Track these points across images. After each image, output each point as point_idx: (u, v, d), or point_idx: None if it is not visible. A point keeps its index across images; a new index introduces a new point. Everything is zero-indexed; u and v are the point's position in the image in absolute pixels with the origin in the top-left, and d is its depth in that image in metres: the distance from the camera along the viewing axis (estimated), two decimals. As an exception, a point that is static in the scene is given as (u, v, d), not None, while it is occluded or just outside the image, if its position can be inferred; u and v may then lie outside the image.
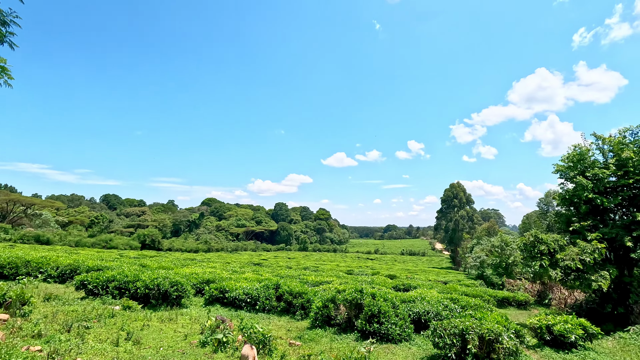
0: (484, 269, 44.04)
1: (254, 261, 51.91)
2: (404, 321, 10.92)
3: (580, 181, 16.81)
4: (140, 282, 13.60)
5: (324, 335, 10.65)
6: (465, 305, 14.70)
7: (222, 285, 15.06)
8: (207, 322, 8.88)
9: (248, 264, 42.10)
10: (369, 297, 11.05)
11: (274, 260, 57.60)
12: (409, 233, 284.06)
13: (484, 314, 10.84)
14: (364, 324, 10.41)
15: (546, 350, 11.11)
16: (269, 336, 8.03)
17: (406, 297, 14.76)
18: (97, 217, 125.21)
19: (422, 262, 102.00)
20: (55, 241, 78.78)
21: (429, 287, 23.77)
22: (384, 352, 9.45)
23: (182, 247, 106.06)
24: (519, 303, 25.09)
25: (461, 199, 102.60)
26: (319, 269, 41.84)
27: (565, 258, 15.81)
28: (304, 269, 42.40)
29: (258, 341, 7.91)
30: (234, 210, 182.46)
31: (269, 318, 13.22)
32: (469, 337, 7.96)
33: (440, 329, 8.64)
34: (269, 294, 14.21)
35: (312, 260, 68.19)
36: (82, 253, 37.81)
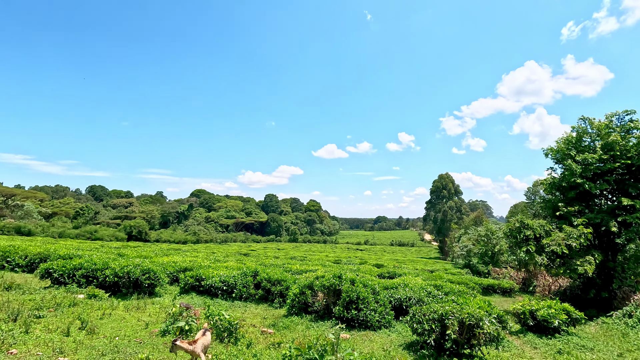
0: (471, 258, 44.33)
1: (241, 252, 51.30)
2: (384, 307, 10.47)
3: (570, 165, 16.51)
4: (110, 270, 12.86)
5: (300, 322, 10.14)
6: (448, 291, 14.37)
7: (199, 273, 14.42)
8: (172, 309, 8.26)
9: (235, 254, 41.47)
10: (347, 283, 10.55)
11: (262, 251, 57.06)
12: (398, 224, 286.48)
13: (466, 299, 10.46)
14: (342, 310, 9.93)
15: (529, 336, 10.82)
16: (236, 323, 7.46)
17: (389, 284, 14.35)
18: (82, 208, 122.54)
19: (411, 253, 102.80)
20: (38, 232, 76.74)
21: (414, 275, 23.51)
22: (362, 339, 8.99)
23: (170, 239, 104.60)
24: (503, 290, 25.08)
25: (450, 190, 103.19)
26: (306, 259, 41.45)
27: (551, 243, 15.57)
28: (291, 258, 41.93)
29: (224, 329, 7.34)
30: (224, 202, 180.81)
31: (246, 306, 12.68)
32: (448, 323, 7.51)
33: (419, 315, 8.18)
34: (247, 282, 13.63)
35: (302, 251, 67.87)
36: (62, 243, 36.63)
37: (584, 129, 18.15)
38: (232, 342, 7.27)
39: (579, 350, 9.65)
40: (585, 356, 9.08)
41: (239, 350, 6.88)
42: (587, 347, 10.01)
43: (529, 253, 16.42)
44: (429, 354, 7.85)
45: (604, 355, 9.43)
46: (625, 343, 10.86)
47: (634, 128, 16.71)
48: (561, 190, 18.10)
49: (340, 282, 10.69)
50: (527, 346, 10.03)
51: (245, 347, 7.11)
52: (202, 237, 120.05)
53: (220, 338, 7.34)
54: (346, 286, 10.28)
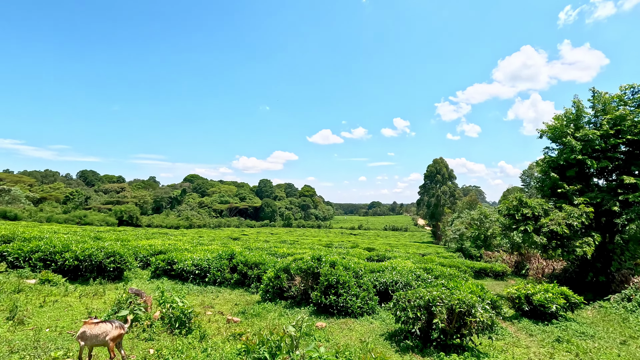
0: (463, 241, 43.85)
1: (232, 236, 50.42)
2: (367, 292, 9.51)
3: (570, 142, 15.48)
4: (70, 254, 11.72)
5: (274, 309, 9.16)
6: (439, 275, 13.48)
7: (170, 257, 13.35)
8: (123, 295, 7.17)
9: (224, 239, 40.51)
10: (327, 266, 9.54)
11: (254, 236, 56.15)
12: (392, 209, 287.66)
13: (457, 283, 9.53)
14: (319, 296, 8.94)
15: (524, 322, 9.98)
16: (189, 312, 6.41)
17: (375, 267, 13.41)
18: (72, 193, 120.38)
19: (404, 237, 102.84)
20: (25, 217, 75.03)
21: (405, 258, 22.72)
22: (340, 328, 8.02)
23: (162, 224, 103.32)
24: (496, 274, 24.47)
25: (444, 174, 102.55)
26: (298, 243, 40.64)
27: (550, 223, 14.68)
28: (282, 242, 41.11)
29: (175, 318, 6.29)
30: (217, 187, 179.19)
31: (219, 291, 11.68)
32: (435, 310, 6.54)
33: (403, 301, 7.20)
34: (222, 265, 12.60)
35: (295, 236, 67.14)
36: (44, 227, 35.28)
37: (582, 105, 17.05)
38: (183, 333, 6.24)
39: (579, 338, 8.81)
40: (586, 344, 8.23)
41: (188, 343, 5.85)
42: (587, 334, 9.18)
43: (526, 233, 15.56)
44: (414, 344, 6.90)
45: (606, 342, 8.60)
46: (626, 329, 10.08)
47: (646, 102, 15.61)
48: (560, 168, 17.13)
49: (319, 264, 9.68)
50: (522, 333, 9.17)
51: (197, 340, 6.09)
52: (195, 222, 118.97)
53: (171, 329, 6.30)
54: (325, 269, 9.27)
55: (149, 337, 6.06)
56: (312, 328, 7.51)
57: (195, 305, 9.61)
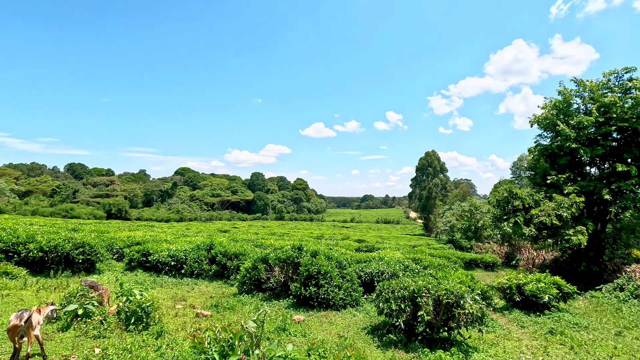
0: (454, 233, 43.74)
1: (223, 229, 49.66)
2: (350, 283, 8.93)
3: (564, 130, 15.02)
4: (34, 244, 10.92)
5: (250, 302, 8.53)
6: (428, 265, 12.99)
7: (146, 248, 12.61)
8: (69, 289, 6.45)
9: (214, 231, 39.74)
10: (307, 255, 8.91)
11: (245, 229, 55.50)
12: (385, 203, 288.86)
13: (446, 273, 8.98)
14: (299, 287, 8.33)
15: (515, 313, 9.52)
16: (147, 306, 5.74)
17: (362, 257, 12.86)
18: (58, 186, 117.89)
19: (396, 230, 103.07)
20: (9, 210, 73.15)
21: (395, 249, 22.26)
22: (319, 322, 7.43)
23: (152, 217, 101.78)
24: (486, 265, 24.22)
25: (435, 167, 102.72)
26: (288, 235, 40.05)
27: (540, 214, 14.28)
28: (271, 234, 40.49)
29: (130, 312, 5.62)
30: (209, 180, 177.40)
31: (196, 283, 11.00)
32: (420, 301, 5.97)
33: (387, 292, 6.62)
34: (199, 256, 11.91)
35: (286, 229, 66.55)
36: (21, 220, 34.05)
37: (570, 91, 16.58)
38: (139, 329, 5.58)
39: (573, 329, 8.37)
40: (580, 336, 7.78)
41: (142, 341, 5.20)
42: (580, 325, 8.74)
43: (516, 225, 15.15)
44: (398, 339, 6.34)
45: (601, 334, 8.17)
46: (620, 319, 9.69)
47: (632, 88, 15.20)
48: (552, 157, 16.71)
49: (299, 254, 9.06)
50: (513, 325, 8.70)
51: (154, 337, 5.43)
52: (186, 216, 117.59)
53: (127, 325, 5.63)
54: (305, 259, 8.64)
55: (99, 335, 5.38)
56: (287, 322, 6.90)
57: (167, 298, 8.95)
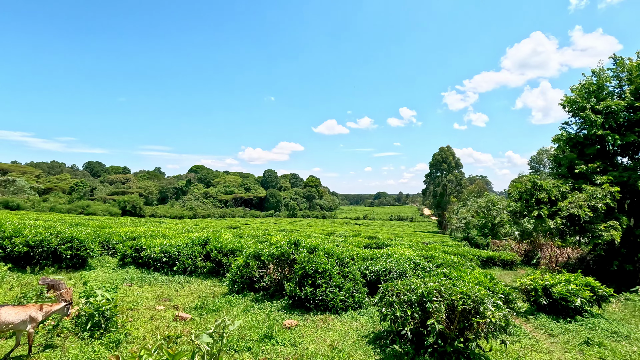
0: (469, 230, 42.09)
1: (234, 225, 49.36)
2: (352, 283, 7.95)
3: (588, 116, 13.60)
4: (20, 239, 10.34)
5: (239, 303, 7.66)
6: (441, 263, 11.90)
7: (139, 243, 11.93)
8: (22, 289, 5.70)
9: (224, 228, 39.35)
10: (304, 251, 7.97)
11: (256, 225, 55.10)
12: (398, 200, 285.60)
13: (461, 272, 7.91)
14: (293, 287, 7.40)
15: (542, 319, 8.36)
16: (107, 309, 4.91)
17: (369, 254, 11.86)
18: (76, 183, 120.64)
19: (409, 227, 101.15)
20: (27, 207, 74.89)
21: (407, 245, 21.12)
22: (314, 327, 6.49)
23: (166, 214, 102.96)
24: (504, 263, 22.81)
25: (450, 163, 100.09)
26: (299, 232, 39.27)
27: (569, 206, 12.93)
28: (281, 230, 39.81)
29: (87, 316, 4.81)
30: (222, 178, 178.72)
31: (188, 281, 10.22)
32: (430, 307, 4.95)
33: (391, 295, 5.62)
34: (193, 252, 11.13)
35: (298, 225, 65.92)
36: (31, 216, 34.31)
37: (605, 72, 15.03)
38: (96, 336, 4.76)
39: (612, 339, 7.18)
40: (622, 348, 6.60)
41: (92, 351, 4.37)
42: (620, 333, 7.53)
43: (540, 219, 13.83)
44: (404, 351, 5.34)
45: (646, 345, 6.96)
46: (664, 327, 8.41)
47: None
48: (579, 146, 15.26)
49: (295, 250, 8.13)
50: (541, 333, 7.57)
51: (109, 347, 4.59)
52: (200, 213, 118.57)
53: (82, 329, 4.82)
54: (302, 255, 7.70)
55: (47, 344, 4.58)
56: (276, 328, 5.99)
57: (151, 298, 8.17)
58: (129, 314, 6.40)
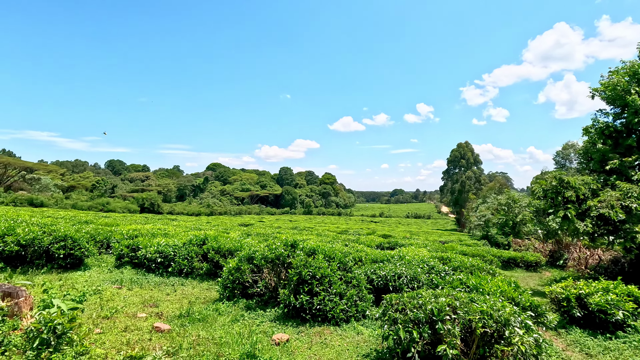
0: (489, 228, 40.32)
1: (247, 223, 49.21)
2: (356, 290, 7.07)
3: (635, 100, 12.16)
4: (12, 237, 9.96)
5: (228, 312, 6.91)
6: (459, 266, 10.85)
7: (136, 242, 11.41)
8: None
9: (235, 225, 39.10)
10: (302, 254, 7.13)
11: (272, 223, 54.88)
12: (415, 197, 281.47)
13: (481, 279, 6.92)
14: (287, 295, 6.58)
15: (576, 333, 7.26)
16: (58, 324, 4.22)
17: (378, 256, 10.93)
18: (98, 181, 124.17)
19: (427, 225, 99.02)
20: (50, 204, 77.23)
21: (422, 245, 20.02)
22: (308, 343, 5.65)
23: (183, 211, 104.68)
24: (527, 264, 21.37)
25: (469, 159, 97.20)
26: (313, 229, 38.61)
27: (600, 205, 11.64)
28: (293, 228, 39.24)
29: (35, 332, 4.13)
30: (239, 175, 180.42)
31: (183, 284, 9.58)
32: (442, 328, 4.03)
33: (393, 310, 4.72)
34: (190, 252, 10.50)
35: (313, 223, 65.37)
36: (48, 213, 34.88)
37: None
38: (43, 356, 4.08)
39: (664, 362, 6.04)
40: (679, 375, 5.48)
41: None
42: (673, 355, 6.37)
43: (566, 219, 12.56)
44: (410, 378, 4.46)
45: None
46: None
47: None
48: (615, 137, 13.81)
49: (292, 252, 7.31)
50: (575, 351, 6.49)
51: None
52: (216, 210, 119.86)
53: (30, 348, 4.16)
54: (298, 259, 6.86)
55: (-15, 364, 3.94)
56: (263, 343, 5.18)
57: (137, 302, 7.53)
58: (102, 325, 5.75)
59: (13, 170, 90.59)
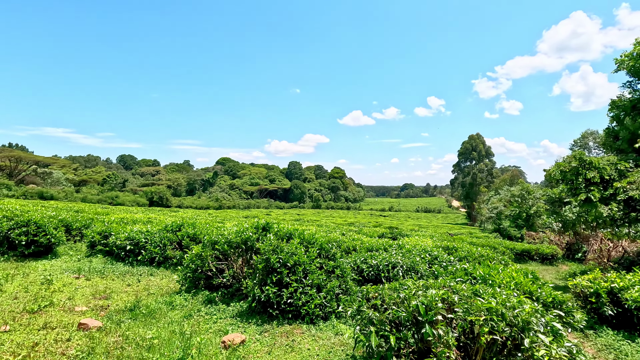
0: (501, 221, 38.50)
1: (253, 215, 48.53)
2: (339, 281, 5.89)
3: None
4: (-29, 223, 9.07)
5: (185, 305, 5.80)
6: (466, 256, 9.55)
7: (108, 229, 10.43)
8: None
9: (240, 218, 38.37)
10: (272, 238, 5.95)
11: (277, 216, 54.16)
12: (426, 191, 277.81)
13: (491, 269, 5.66)
14: (252, 286, 5.44)
15: (608, 336, 5.95)
16: None
17: (374, 245, 9.71)
18: (108, 175, 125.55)
19: (437, 219, 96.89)
20: (60, 197, 78.02)
21: (428, 236, 18.67)
22: (269, 346, 4.50)
23: (192, 205, 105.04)
24: (543, 257, 19.86)
25: (480, 151, 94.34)
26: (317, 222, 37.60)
27: (629, 187, 10.17)
28: (296, 220, 38.27)
29: None
30: (248, 169, 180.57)
31: (152, 274, 8.52)
32: (429, 334, 2.81)
33: (369, 307, 3.51)
34: (163, 239, 9.45)
35: (321, 216, 64.41)
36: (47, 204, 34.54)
37: None
38: None
39: None
40: None
41: None
42: None
43: (589, 203, 11.11)
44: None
45: None
46: None
47: None
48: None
49: (264, 236, 6.14)
50: (609, 358, 5.21)
51: None
52: (225, 204, 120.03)
53: None
54: (267, 243, 5.69)
55: None
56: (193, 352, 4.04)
57: (87, 294, 6.51)
58: (20, 320, 4.71)
59: (25, 164, 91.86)
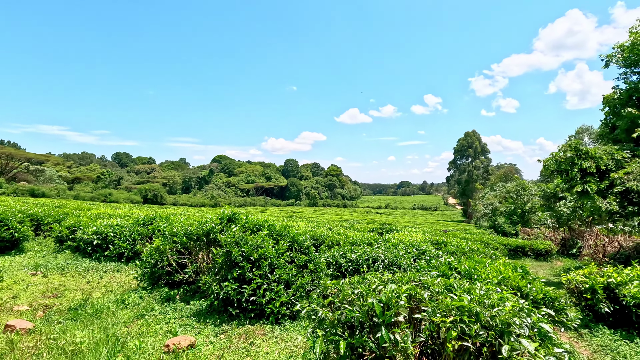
0: (496, 217, 38.20)
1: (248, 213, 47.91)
2: (311, 277, 5.35)
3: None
4: None
5: (137, 303, 5.24)
6: (455, 251, 9.05)
7: (77, 223, 9.84)
8: None
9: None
10: (236, 229, 5.39)
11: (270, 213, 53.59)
12: (422, 189, 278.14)
13: (477, 262, 5.14)
14: (211, 282, 4.88)
15: (604, 335, 5.46)
16: None
17: (358, 239, 9.18)
18: (102, 173, 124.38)
19: (433, 216, 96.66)
20: (52, 195, 77.09)
21: (419, 231, 18.19)
22: (221, 349, 3.96)
23: (187, 202, 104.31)
24: (537, 253, 19.44)
25: (476, 148, 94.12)
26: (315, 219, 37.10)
27: (626, 178, 9.70)
28: (289, 217, 37.73)
29: None
30: (244, 167, 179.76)
31: (118, 270, 7.94)
32: (385, 339, 2.28)
33: (320, 304, 2.97)
34: (133, 233, 8.87)
35: (317, 214, 63.94)
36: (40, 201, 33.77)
37: None
38: None
39: None
40: None
41: None
42: None
43: (585, 195, 10.64)
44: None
45: None
46: None
47: None
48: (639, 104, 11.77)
49: (228, 227, 5.58)
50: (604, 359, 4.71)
51: None
52: (220, 201, 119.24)
53: None
54: (229, 235, 5.14)
55: None
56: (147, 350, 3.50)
57: (37, 292, 5.93)
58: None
59: (17, 161, 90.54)
